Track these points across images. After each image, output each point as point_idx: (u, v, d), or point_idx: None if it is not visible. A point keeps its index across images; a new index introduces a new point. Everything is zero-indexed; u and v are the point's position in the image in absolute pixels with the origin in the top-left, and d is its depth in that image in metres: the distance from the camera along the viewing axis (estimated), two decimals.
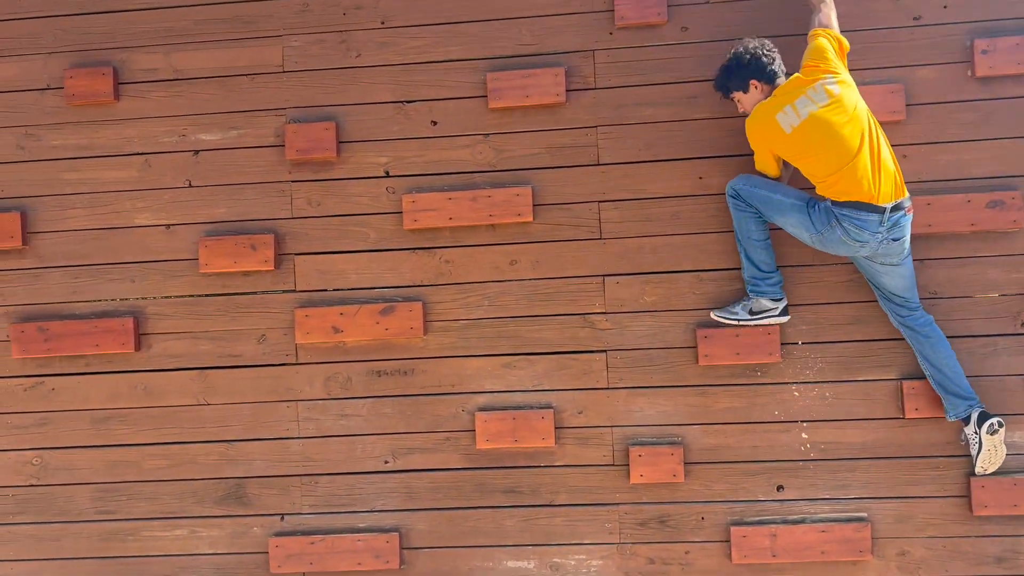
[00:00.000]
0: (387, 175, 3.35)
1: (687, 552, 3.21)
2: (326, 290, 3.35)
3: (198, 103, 3.40)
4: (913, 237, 3.09)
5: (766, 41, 2.96)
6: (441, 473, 3.30)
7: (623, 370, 3.25)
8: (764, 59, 2.92)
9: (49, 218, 3.44)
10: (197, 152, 3.40)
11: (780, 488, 3.19)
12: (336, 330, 3.30)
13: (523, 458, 3.28)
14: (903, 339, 3.09)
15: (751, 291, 3.11)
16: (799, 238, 3.05)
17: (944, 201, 3.12)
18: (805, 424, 3.19)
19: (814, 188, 2.97)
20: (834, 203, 2.88)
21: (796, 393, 3.18)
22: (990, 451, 2.96)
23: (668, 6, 3.22)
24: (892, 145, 3.04)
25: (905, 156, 3.14)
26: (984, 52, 3.11)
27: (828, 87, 2.83)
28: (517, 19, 3.31)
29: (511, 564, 3.27)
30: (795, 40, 3.03)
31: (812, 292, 3.20)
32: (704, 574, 3.21)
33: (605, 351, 3.26)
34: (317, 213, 3.36)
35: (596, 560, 3.24)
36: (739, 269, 3.17)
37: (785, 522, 3.18)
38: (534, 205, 3.27)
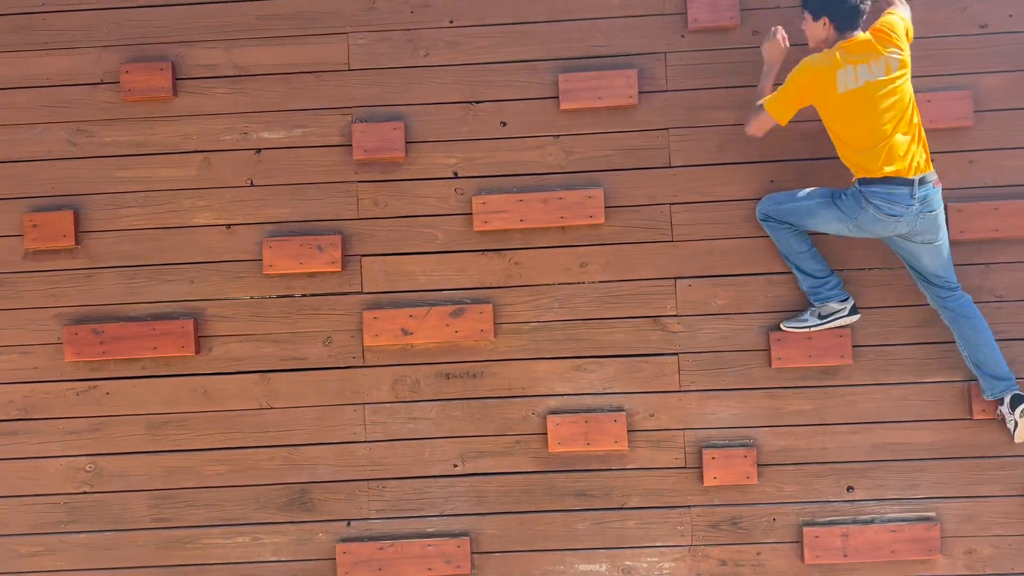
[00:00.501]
0: (455, 176, 3.31)
1: (759, 553, 3.23)
2: (393, 292, 3.30)
3: (260, 100, 3.33)
4: (979, 242, 3.18)
5: None
6: (511, 477, 3.27)
7: (695, 373, 3.26)
8: (849, 5, 2.86)
9: (102, 217, 3.34)
10: (259, 151, 3.33)
11: (850, 489, 3.22)
12: (405, 332, 3.26)
13: (594, 461, 3.26)
14: None
15: (815, 300, 3.14)
16: (835, 233, 3.09)
17: (1010, 207, 3.18)
18: (864, 426, 3.23)
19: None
20: (861, 183, 2.92)
21: (866, 395, 3.22)
22: None
23: (741, 9, 3.24)
24: (959, 151, 3.14)
25: (972, 162, 3.21)
26: None
27: (890, 63, 2.85)
28: (588, 20, 3.30)
29: (582, 567, 3.26)
30: None
31: (881, 295, 3.24)
32: (776, 574, 3.23)
33: (677, 354, 3.26)
34: (384, 214, 3.31)
35: (668, 562, 3.24)
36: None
37: (855, 522, 3.21)
38: (605, 207, 3.26)
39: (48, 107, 3.35)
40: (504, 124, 3.31)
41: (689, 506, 3.24)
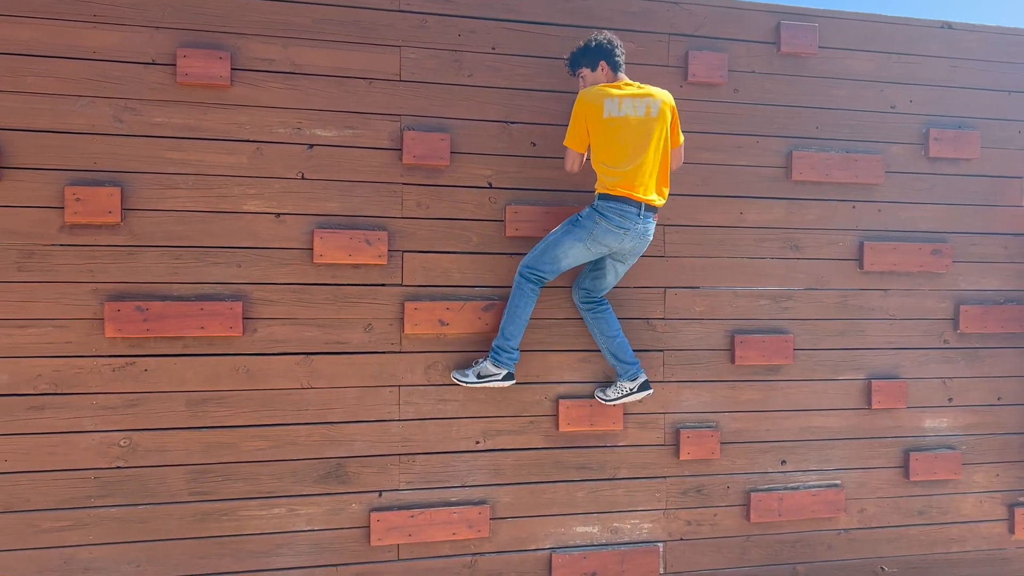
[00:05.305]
0: (490, 186, 3.72)
1: (715, 515, 3.97)
2: (430, 286, 3.65)
3: (314, 99, 3.53)
4: (880, 273, 4.12)
5: (615, 37, 3.54)
6: (525, 452, 3.76)
7: (676, 367, 3.93)
8: (617, 49, 3.54)
9: (148, 196, 3.38)
10: (311, 146, 3.53)
11: (783, 462, 4.06)
12: (442, 323, 3.62)
13: (593, 439, 3.83)
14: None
15: (493, 357, 3.52)
16: (579, 258, 3.49)
17: (905, 247, 4.17)
18: (796, 412, 4.09)
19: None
20: (600, 199, 3.43)
21: (797, 388, 4.07)
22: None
23: (728, 70, 3.95)
24: (871, 201, 4.07)
25: (880, 210, 4.16)
26: None
27: (651, 107, 3.46)
28: None
29: (579, 529, 3.82)
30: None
31: (815, 311, 4.10)
32: (728, 531, 3.99)
33: (662, 351, 3.91)
34: (426, 215, 3.65)
35: (647, 524, 3.90)
36: (769, 288, 3.99)
37: (787, 488, 4.05)
38: None
39: (93, 81, 3.32)
40: (534, 144, 3.77)
41: (665, 476, 3.92)
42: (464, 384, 3.57)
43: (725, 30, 3.98)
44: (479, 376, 3.55)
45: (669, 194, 3.90)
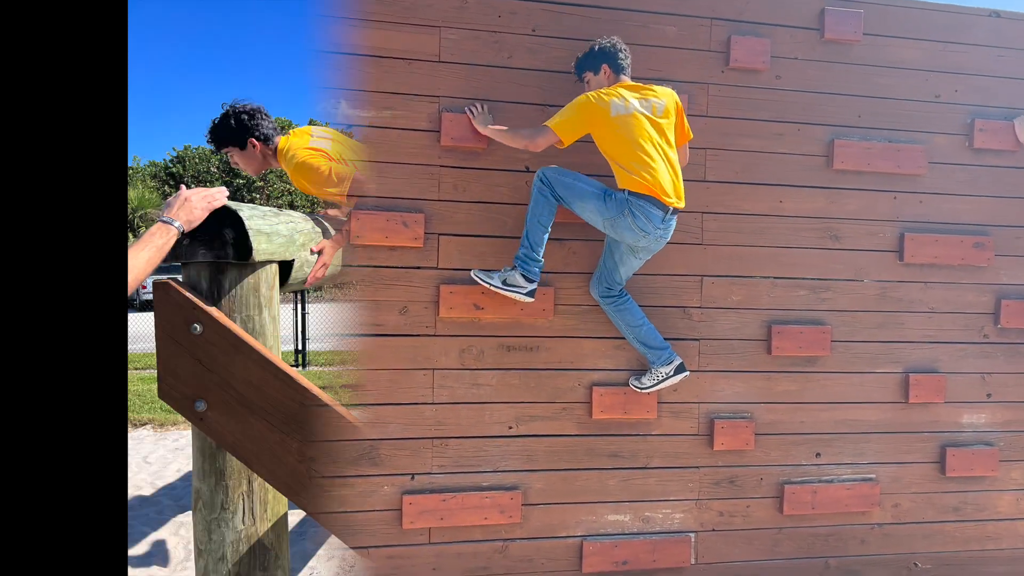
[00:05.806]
0: (527, 170, 3.69)
1: (748, 506, 3.93)
2: (466, 269, 3.62)
3: (353, 79, 3.50)
4: (920, 266, 4.05)
5: (620, 41, 3.53)
6: (558, 439, 3.73)
7: (711, 356, 3.88)
8: (620, 53, 3.51)
9: None
10: (350, 126, 3.51)
11: (818, 455, 4.01)
12: (477, 307, 3.60)
13: (626, 427, 3.80)
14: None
15: (518, 264, 3.46)
16: (592, 222, 3.48)
17: (947, 240, 4.10)
18: (831, 405, 4.03)
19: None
20: (631, 194, 3.35)
21: (834, 380, 4.02)
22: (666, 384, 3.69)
23: (771, 56, 3.88)
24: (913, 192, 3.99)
25: (921, 202, 4.08)
26: None
27: (656, 106, 3.42)
28: (649, 47, 3.78)
29: (611, 518, 3.80)
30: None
31: (853, 302, 4.04)
32: (760, 523, 3.95)
33: (698, 340, 3.87)
34: (462, 198, 3.62)
35: (679, 514, 3.86)
36: (807, 279, 3.94)
37: (820, 482, 4.00)
38: None
39: None
40: None
41: (698, 467, 3.88)
42: (486, 284, 3.46)
43: (768, 15, 3.91)
44: (504, 283, 3.45)
45: (708, 181, 3.86)
